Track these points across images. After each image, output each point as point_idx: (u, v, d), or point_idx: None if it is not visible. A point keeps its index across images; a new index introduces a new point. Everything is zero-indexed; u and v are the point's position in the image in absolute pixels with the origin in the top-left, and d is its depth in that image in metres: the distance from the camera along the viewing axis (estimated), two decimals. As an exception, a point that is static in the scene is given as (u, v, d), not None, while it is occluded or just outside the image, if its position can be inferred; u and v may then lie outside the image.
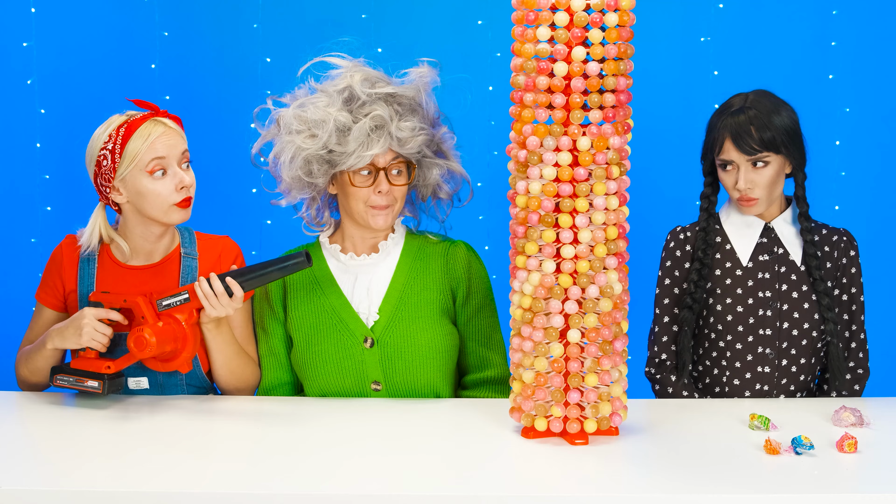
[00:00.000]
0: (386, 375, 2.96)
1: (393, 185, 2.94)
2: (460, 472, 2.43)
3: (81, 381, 2.84)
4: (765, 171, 2.99)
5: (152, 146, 2.86)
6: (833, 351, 3.05)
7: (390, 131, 2.89)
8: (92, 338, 2.81)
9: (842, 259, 3.11)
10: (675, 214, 3.49)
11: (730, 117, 2.98)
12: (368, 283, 3.01)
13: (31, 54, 3.92)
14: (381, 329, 2.96)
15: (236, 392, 3.02)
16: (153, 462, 2.47)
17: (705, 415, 2.84)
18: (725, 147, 2.99)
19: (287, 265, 2.82)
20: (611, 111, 2.50)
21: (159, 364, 2.84)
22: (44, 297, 3.03)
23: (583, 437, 2.57)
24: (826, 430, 2.68)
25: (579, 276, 2.51)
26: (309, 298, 3.01)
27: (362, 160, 2.89)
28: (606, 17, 2.46)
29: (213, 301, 2.82)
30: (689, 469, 2.41)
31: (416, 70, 2.99)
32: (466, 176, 3.07)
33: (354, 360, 2.95)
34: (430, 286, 3.02)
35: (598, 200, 2.50)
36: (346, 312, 2.98)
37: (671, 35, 3.96)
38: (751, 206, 3.02)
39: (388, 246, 3.03)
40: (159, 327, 2.79)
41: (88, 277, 2.98)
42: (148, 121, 2.89)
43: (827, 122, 3.94)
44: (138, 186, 2.88)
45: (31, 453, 2.60)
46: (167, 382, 2.98)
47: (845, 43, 3.95)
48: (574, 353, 2.53)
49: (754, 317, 3.04)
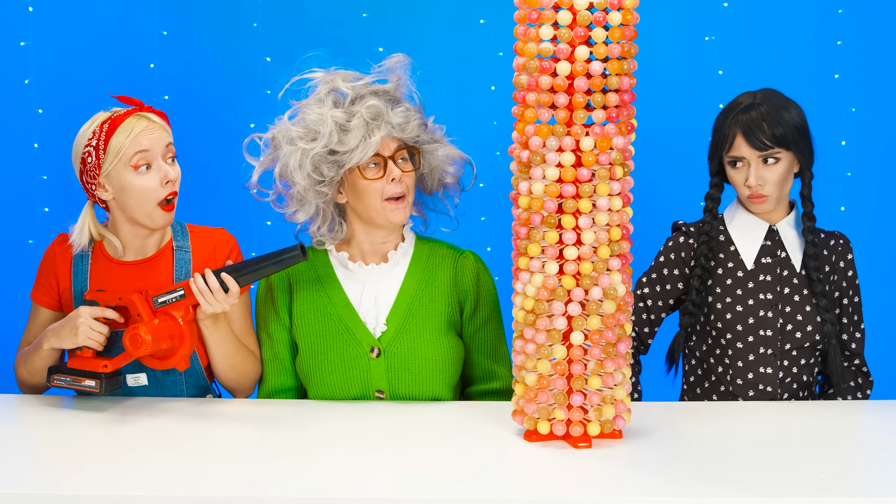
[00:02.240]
0: (391, 385, 2.97)
1: (403, 171, 2.96)
2: (462, 475, 2.44)
3: (79, 380, 2.84)
4: (775, 167, 3.00)
5: (136, 140, 2.88)
6: (831, 352, 3.06)
7: (388, 119, 2.91)
8: (88, 336, 2.81)
9: (839, 262, 3.12)
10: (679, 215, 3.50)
11: (740, 114, 3.00)
12: (376, 292, 3.02)
13: (29, 54, 3.92)
14: (389, 340, 2.97)
15: (237, 387, 3.03)
16: (152, 465, 2.48)
17: (709, 418, 2.84)
18: (736, 143, 3.00)
19: (283, 259, 2.83)
20: (614, 111, 2.51)
21: (156, 362, 2.85)
22: (39, 297, 3.05)
23: (586, 440, 2.58)
24: (829, 433, 2.69)
25: (582, 278, 2.52)
26: (315, 306, 3.02)
27: (369, 148, 2.90)
28: (610, 16, 2.46)
29: (209, 297, 2.84)
30: (693, 473, 2.41)
31: (388, 61, 3.00)
32: (467, 157, 3.08)
33: (360, 369, 2.96)
34: (439, 298, 3.03)
35: (601, 201, 2.51)
36: (353, 322, 2.99)
37: (675, 34, 3.96)
38: (761, 202, 3.03)
39: (396, 255, 3.04)
40: (155, 325, 2.80)
41: (82, 275, 2.99)
42: (131, 116, 2.91)
43: (832, 122, 3.94)
44: (123, 182, 2.89)
45: (29, 457, 2.60)
46: (166, 379, 2.99)
47: (851, 42, 3.95)
48: (577, 356, 2.54)
49: (755, 317, 3.06)
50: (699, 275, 3.09)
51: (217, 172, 3.89)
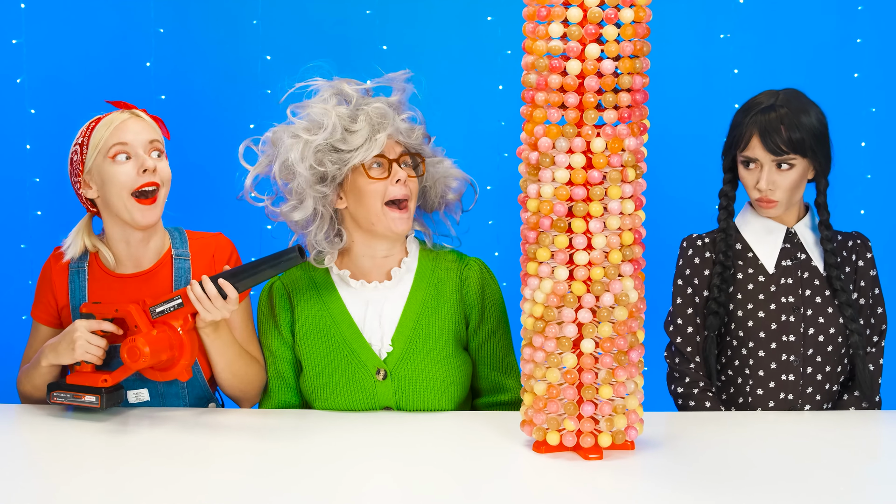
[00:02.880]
0: (398, 406, 2.97)
1: (409, 175, 2.94)
2: (469, 488, 2.43)
3: (79, 396, 2.84)
4: (789, 173, 2.99)
5: (115, 131, 2.89)
6: (858, 363, 3.05)
7: (394, 122, 2.92)
8: (86, 351, 2.82)
9: (858, 262, 3.11)
10: (693, 219, 3.49)
11: (759, 114, 2.99)
12: (380, 311, 3.00)
13: (21, 52, 3.92)
14: (395, 361, 2.96)
15: (243, 395, 3.03)
16: (152, 476, 2.48)
17: (725, 428, 2.84)
18: (752, 144, 2.99)
19: (281, 261, 2.83)
20: (626, 111, 2.50)
21: (157, 374, 2.84)
22: (38, 315, 3.06)
23: (597, 451, 2.57)
24: (849, 444, 2.67)
25: (593, 284, 2.51)
26: (318, 326, 3.01)
27: (375, 146, 2.89)
28: (621, 13, 2.45)
29: (207, 304, 2.82)
30: (708, 485, 2.41)
31: (394, 74, 3.01)
32: (469, 178, 3.09)
33: (366, 392, 2.96)
34: (445, 315, 3.01)
35: (612, 204, 2.50)
36: (358, 343, 2.98)
37: (689, 31, 3.96)
38: (770, 207, 3.03)
39: (400, 272, 3.02)
40: (153, 336, 2.79)
41: (79, 290, 2.99)
42: (116, 112, 2.93)
43: (852, 122, 3.93)
44: (102, 174, 2.90)
45: (29, 466, 2.60)
46: (168, 392, 2.99)
47: (871, 40, 3.94)
48: (588, 364, 2.53)
49: (777, 322, 3.04)
50: (719, 272, 3.07)
51: (215, 176, 3.87)
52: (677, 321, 3.14)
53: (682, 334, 3.12)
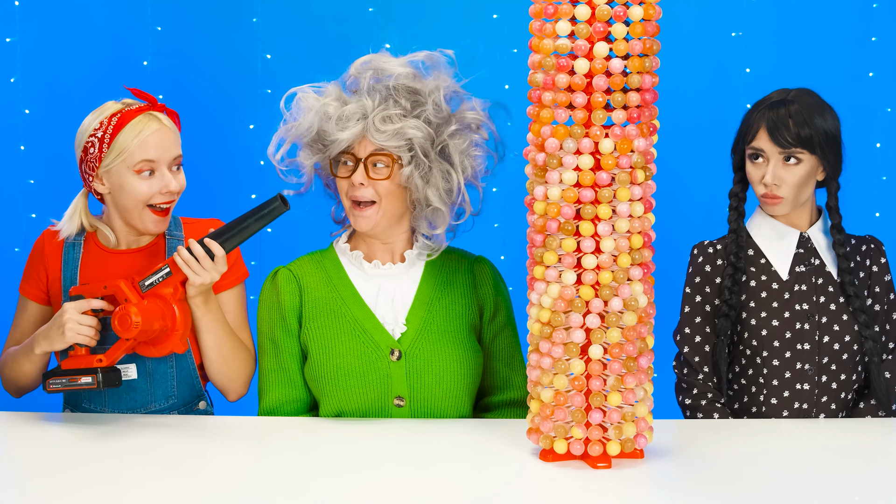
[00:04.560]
0: (412, 390, 2.95)
1: (371, 178, 2.93)
2: (474, 497, 2.43)
3: (75, 379, 2.85)
4: (796, 169, 3.00)
5: (143, 145, 2.91)
6: (874, 370, 3.05)
7: (373, 121, 2.89)
8: (77, 332, 2.83)
9: (873, 267, 3.12)
10: (704, 222, 3.50)
11: (769, 108, 3.01)
12: (393, 292, 3.02)
13: (15, 50, 3.93)
14: (410, 340, 2.97)
15: (230, 382, 3.04)
16: (146, 486, 2.47)
17: (737, 436, 2.84)
18: (759, 136, 3.00)
19: (265, 213, 2.87)
20: (635, 111, 2.50)
21: (152, 349, 2.86)
22: (27, 290, 3.07)
23: (605, 460, 2.57)
24: (868, 453, 2.68)
25: (601, 288, 2.51)
26: (328, 308, 3.00)
27: (338, 144, 2.90)
28: (631, 11, 2.46)
29: (196, 267, 2.86)
30: (719, 495, 2.40)
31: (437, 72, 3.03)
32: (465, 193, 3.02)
33: (379, 373, 2.94)
34: (458, 300, 3.03)
35: (621, 207, 2.50)
36: (370, 323, 2.98)
37: (700, 30, 3.96)
38: (775, 204, 3.03)
39: (412, 255, 3.04)
40: (144, 304, 2.81)
41: (72, 263, 3.01)
42: (142, 114, 2.93)
43: (867, 122, 3.94)
44: (122, 182, 2.93)
45: (16, 478, 2.59)
46: (156, 370, 3.00)
47: (887, 38, 3.95)
48: (596, 371, 2.53)
49: (791, 331, 3.05)
50: (730, 274, 3.08)
51: (215, 176, 3.88)
52: (685, 330, 3.15)
53: (689, 344, 3.14)
